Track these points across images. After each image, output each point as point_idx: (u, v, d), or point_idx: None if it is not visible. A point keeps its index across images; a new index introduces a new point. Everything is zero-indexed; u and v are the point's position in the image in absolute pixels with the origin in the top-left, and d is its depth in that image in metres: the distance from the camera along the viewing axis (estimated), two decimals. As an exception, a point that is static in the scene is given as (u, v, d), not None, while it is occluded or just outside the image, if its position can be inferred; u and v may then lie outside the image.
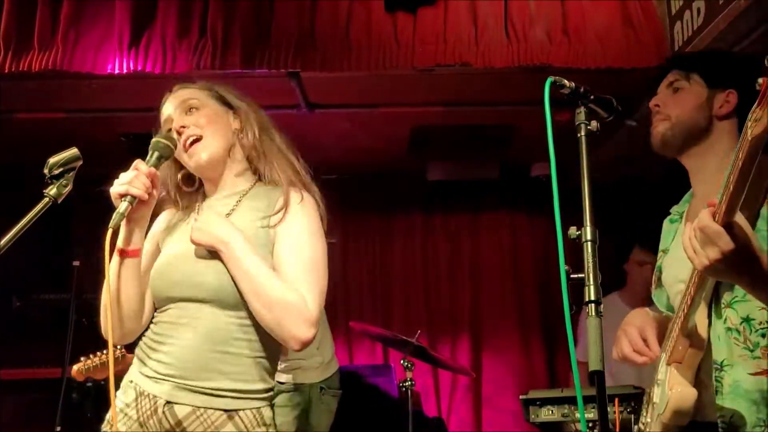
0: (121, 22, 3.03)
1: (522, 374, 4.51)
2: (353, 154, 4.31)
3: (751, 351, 1.46)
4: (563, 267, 1.31)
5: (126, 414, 1.53)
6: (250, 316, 1.52)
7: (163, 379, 1.51)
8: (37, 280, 4.09)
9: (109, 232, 1.46)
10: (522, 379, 4.44)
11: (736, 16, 2.44)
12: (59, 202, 1.52)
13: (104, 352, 2.58)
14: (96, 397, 3.42)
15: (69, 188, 1.52)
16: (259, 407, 1.55)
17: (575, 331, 3.32)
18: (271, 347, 1.57)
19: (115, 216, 1.47)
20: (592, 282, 1.29)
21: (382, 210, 4.80)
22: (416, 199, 4.72)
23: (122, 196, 1.49)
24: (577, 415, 2.65)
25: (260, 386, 1.56)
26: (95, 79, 3.10)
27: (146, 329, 1.62)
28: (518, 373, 4.52)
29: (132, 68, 3.01)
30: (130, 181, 1.50)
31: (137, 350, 1.61)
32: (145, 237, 1.62)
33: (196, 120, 1.64)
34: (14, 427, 3.56)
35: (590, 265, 1.30)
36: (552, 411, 2.90)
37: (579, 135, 1.42)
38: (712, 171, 1.66)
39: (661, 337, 1.60)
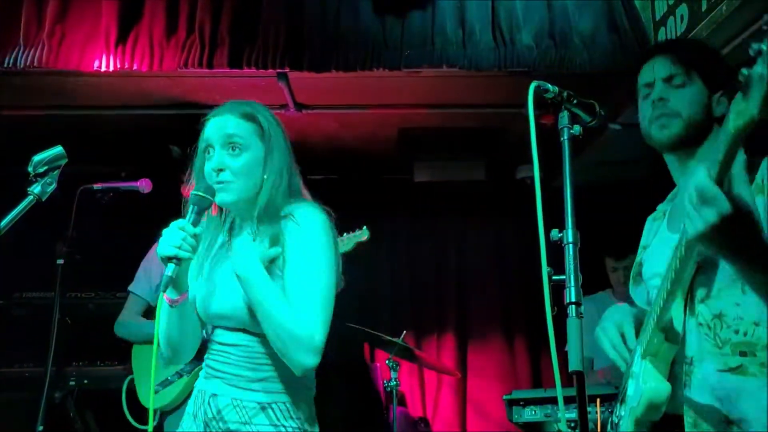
0: (108, 20, 3.02)
1: (506, 374, 4.53)
2: (340, 155, 4.31)
3: (720, 348, 1.45)
4: (545, 269, 1.33)
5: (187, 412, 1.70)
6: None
7: (213, 377, 1.68)
8: (20, 278, 4.05)
9: (162, 295, 1.57)
10: (506, 379, 4.47)
11: (718, 23, 2.48)
12: (43, 200, 1.51)
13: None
14: (78, 397, 3.40)
15: (53, 186, 1.52)
16: (293, 400, 1.63)
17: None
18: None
19: (165, 279, 1.55)
20: (572, 284, 1.30)
21: (369, 210, 4.79)
22: (403, 200, 4.73)
23: (170, 259, 1.55)
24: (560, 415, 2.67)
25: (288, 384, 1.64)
26: (81, 76, 3.08)
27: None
28: (503, 374, 4.54)
29: (119, 66, 2.99)
30: (180, 246, 1.55)
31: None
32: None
33: (235, 165, 1.66)
34: (-4, 426, 3.52)
35: (571, 267, 1.32)
36: (535, 411, 2.93)
37: (562, 139, 1.44)
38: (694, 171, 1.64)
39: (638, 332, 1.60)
